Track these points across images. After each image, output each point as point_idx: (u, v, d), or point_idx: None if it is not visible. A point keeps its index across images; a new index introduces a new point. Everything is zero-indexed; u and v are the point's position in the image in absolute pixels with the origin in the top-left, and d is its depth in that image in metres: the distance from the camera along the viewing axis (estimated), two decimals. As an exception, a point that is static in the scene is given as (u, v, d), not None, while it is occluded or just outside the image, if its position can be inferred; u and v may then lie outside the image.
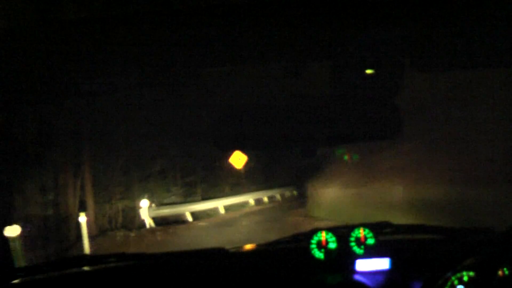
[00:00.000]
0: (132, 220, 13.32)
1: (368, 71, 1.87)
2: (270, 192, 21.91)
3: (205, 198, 16.97)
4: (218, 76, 2.14)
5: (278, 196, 22.29)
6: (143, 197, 13.43)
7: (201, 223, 13.52)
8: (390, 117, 1.98)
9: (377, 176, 9.09)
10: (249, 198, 19.57)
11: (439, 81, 7.89)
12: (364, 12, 1.53)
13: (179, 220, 14.20)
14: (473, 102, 7.47)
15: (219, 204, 16.79)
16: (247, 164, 19.47)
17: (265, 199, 20.98)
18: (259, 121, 1.92)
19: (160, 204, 14.31)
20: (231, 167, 18.72)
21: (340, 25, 1.65)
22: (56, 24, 1.42)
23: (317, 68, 2.05)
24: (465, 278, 1.59)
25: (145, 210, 13.18)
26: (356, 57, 1.85)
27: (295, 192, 24.02)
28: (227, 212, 16.82)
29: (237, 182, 20.42)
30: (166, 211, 13.89)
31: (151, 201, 13.62)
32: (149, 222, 13.11)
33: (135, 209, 13.30)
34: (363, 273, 1.83)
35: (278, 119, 1.94)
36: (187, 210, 14.68)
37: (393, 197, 7.88)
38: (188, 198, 16.69)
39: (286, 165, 23.12)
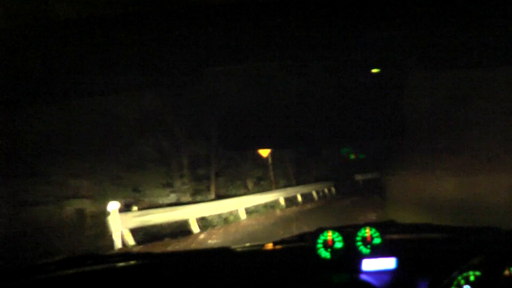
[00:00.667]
0: (104, 233, 8.37)
1: (374, 71, 1.98)
2: (305, 189, 17.29)
3: (221, 196, 12.27)
4: (221, 75, 2.08)
5: (314, 194, 17.47)
6: (117, 196, 8.39)
7: (212, 240, 8.43)
8: (393, 116, 2.03)
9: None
10: (279, 197, 14.64)
11: (441, 80, 7.61)
12: (367, 12, 1.61)
13: (177, 232, 9.17)
14: (475, 101, 7.21)
15: (240, 206, 11.98)
16: (274, 153, 15.43)
17: (299, 197, 16.10)
18: (265, 121, 1.98)
19: (150, 207, 9.25)
20: (254, 156, 14.52)
21: (344, 25, 1.73)
22: (56, 23, 1.48)
23: (320, 67, 2.09)
24: (472, 278, 1.64)
25: (116, 217, 7.83)
26: (358, 56, 1.97)
27: (333, 189, 19.52)
28: (250, 216, 12.09)
29: (262, 176, 15.79)
30: (157, 217, 8.72)
31: (124, 202, 8.51)
32: (121, 237, 7.83)
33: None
34: (369, 273, 1.87)
35: (283, 118, 1.99)
36: (193, 215, 9.68)
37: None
38: (197, 196, 11.91)
39: (324, 152, 18.71)
